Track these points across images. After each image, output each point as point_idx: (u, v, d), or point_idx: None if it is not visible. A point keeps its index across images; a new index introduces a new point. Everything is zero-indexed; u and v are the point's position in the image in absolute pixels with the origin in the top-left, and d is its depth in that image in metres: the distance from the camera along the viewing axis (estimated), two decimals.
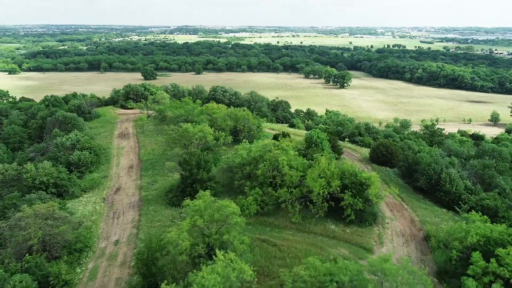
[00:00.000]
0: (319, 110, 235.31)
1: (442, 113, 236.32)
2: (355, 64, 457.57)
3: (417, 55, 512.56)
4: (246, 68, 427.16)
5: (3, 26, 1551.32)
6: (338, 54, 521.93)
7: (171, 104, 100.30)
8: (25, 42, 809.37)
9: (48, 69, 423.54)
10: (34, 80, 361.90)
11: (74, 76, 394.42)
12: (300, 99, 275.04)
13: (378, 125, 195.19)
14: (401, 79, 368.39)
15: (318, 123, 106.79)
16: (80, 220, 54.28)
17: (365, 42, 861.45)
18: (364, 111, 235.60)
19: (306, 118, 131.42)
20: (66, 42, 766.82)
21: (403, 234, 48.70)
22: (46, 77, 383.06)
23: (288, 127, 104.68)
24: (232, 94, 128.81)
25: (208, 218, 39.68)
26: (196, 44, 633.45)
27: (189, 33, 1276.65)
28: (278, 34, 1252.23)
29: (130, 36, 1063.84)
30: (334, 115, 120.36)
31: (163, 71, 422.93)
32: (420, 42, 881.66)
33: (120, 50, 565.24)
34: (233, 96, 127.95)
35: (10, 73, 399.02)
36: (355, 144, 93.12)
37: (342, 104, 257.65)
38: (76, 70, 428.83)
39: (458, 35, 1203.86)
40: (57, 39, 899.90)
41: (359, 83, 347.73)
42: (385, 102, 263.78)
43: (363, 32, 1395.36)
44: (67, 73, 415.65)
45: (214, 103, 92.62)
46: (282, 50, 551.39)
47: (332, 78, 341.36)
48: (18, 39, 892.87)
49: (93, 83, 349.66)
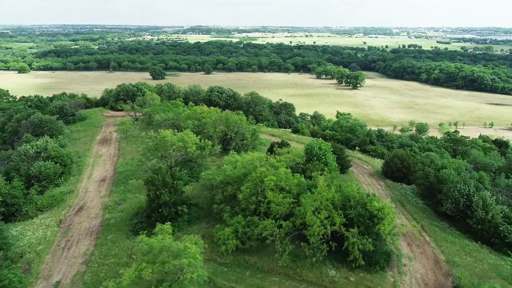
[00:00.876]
0: (330, 111, 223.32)
1: (461, 116, 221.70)
2: (369, 64, 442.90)
3: (434, 56, 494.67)
4: (256, 68, 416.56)
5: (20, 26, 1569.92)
6: (352, 54, 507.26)
7: (159, 107, 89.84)
8: (39, 41, 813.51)
9: (58, 68, 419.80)
10: (43, 78, 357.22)
11: (83, 75, 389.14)
12: (311, 100, 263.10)
13: (392, 129, 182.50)
14: (416, 80, 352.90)
15: (325, 128, 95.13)
16: (23, 251, 44.17)
17: (379, 42, 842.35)
18: (377, 113, 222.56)
19: (312, 123, 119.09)
20: (79, 42, 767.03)
21: (426, 283, 37.06)
22: (55, 76, 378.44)
23: (291, 133, 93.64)
24: (230, 96, 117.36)
25: (158, 269, 29.02)
26: (207, 44, 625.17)
27: (202, 33, 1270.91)
28: (291, 34, 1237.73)
29: (143, 36, 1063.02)
30: (344, 119, 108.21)
31: (172, 70, 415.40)
32: (437, 42, 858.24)
33: (131, 49, 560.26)
34: (231, 97, 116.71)
35: (20, 72, 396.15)
36: (367, 154, 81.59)
37: (354, 105, 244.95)
38: (86, 69, 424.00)
39: (476, 35, 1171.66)
40: (70, 38, 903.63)
41: (373, 84, 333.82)
42: (399, 104, 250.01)
43: (377, 32, 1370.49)
44: (76, 72, 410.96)
45: (205, 105, 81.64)
46: (294, 50, 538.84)
47: (345, 79, 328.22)
48: (32, 38, 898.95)
49: (101, 83, 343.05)
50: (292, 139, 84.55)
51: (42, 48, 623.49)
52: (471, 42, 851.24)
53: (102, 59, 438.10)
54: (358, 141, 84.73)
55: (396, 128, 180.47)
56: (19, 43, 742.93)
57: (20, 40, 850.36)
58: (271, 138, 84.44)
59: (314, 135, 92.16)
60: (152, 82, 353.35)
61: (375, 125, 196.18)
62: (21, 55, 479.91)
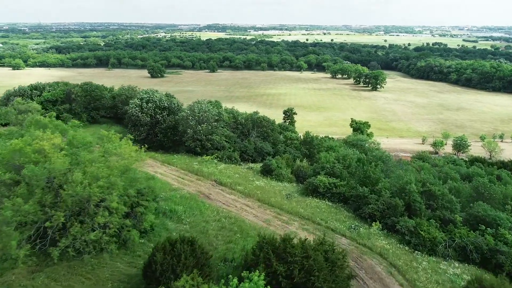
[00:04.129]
0: (343, 117, 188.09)
1: (503, 125, 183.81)
2: (390, 63, 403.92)
3: (462, 54, 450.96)
4: (266, 66, 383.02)
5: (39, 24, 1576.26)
6: (371, 52, 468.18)
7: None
8: (50, 38, 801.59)
9: (54, 64, 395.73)
10: (32, 76, 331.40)
11: (79, 72, 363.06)
12: (322, 102, 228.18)
13: (421, 142, 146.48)
14: (445, 81, 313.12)
15: (321, 168, 57.29)
16: None
17: (401, 40, 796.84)
18: (400, 121, 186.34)
19: (302, 151, 75.72)
20: (89, 38, 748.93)
21: None
22: (48, 74, 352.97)
23: (258, 175, 58.28)
24: (162, 107, 70.34)
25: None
26: (217, 41, 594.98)
27: (217, 30, 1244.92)
28: (308, 32, 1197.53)
29: (157, 33, 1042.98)
30: (356, 141, 71.57)
31: (175, 68, 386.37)
32: (463, 40, 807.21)
33: (137, 46, 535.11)
34: (164, 110, 70.24)
35: (14, 68, 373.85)
36: (398, 237, 42.22)
37: (372, 109, 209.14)
38: (84, 66, 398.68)
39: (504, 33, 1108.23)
40: (82, 35, 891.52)
41: (395, 85, 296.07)
42: (427, 109, 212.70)
43: (399, 31, 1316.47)
44: (73, 69, 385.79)
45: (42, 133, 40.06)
46: (308, 47, 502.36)
47: (363, 78, 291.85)
48: (45, 35, 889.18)
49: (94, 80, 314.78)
50: (251, 193, 48.96)
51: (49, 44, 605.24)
52: (500, 41, 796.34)
53: (102, 55, 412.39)
54: (381, 205, 48.32)
55: (425, 141, 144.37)
56: (30, 40, 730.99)
57: (32, 36, 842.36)
58: (209, 197, 47.34)
59: (299, 177, 58.35)
60: (150, 80, 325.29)
61: (398, 135, 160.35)
62: (22, 51, 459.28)
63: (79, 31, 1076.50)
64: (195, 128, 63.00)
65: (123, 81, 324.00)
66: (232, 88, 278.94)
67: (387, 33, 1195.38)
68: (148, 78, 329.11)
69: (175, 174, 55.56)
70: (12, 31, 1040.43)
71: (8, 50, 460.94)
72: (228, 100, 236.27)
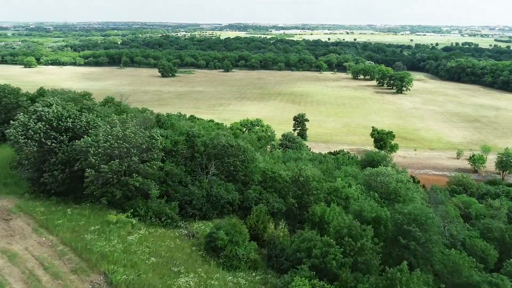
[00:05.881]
0: (364, 123, 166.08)
1: None
2: (416, 63, 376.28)
3: (495, 55, 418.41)
4: (283, 66, 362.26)
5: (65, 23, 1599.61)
6: (396, 52, 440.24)
7: None
8: (71, 36, 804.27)
9: (66, 63, 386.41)
10: (41, 74, 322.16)
11: (89, 71, 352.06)
12: (341, 106, 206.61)
13: (455, 156, 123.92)
14: (478, 83, 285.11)
15: (303, 257, 33.82)
16: None
17: (428, 40, 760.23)
18: (430, 129, 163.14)
19: (288, 201, 48.82)
20: (109, 37, 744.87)
21: None
22: (57, 72, 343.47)
23: (199, 254, 35.63)
24: (59, 129, 42.12)
25: None
26: (235, 39, 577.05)
27: (239, 30, 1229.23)
28: (331, 31, 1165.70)
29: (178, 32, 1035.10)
30: (375, 178, 48.84)
31: (188, 67, 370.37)
32: (495, 40, 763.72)
33: (154, 44, 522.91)
34: (65, 132, 42.46)
35: (25, 66, 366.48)
36: None
37: (398, 115, 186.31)
38: (96, 64, 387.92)
39: None
40: (102, 34, 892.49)
41: (422, 87, 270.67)
42: (460, 115, 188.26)
43: (425, 30, 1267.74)
44: (84, 68, 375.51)
45: None
46: (329, 47, 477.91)
47: (387, 80, 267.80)
48: (66, 33, 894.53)
49: (102, 79, 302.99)
50: None
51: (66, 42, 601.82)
52: None
53: (114, 53, 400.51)
54: None
55: (461, 156, 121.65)
56: (51, 38, 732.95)
57: (54, 35, 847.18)
58: None
59: (273, 259, 36.48)
60: (160, 80, 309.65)
61: (428, 147, 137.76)
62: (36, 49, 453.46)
63: (101, 29, 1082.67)
64: (99, 167, 37.65)
65: (133, 79, 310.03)
66: (244, 89, 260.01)
67: (413, 32, 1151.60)
68: (158, 77, 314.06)
69: (44, 253, 31.62)
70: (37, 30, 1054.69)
71: (23, 48, 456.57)
72: (237, 101, 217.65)
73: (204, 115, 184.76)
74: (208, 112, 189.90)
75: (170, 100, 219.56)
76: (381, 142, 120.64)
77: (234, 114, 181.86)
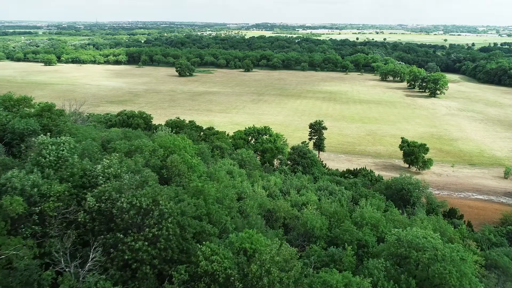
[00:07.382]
0: (393, 131, 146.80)
1: None
2: (451, 65, 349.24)
3: None
4: (306, 66, 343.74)
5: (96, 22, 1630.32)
6: (429, 52, 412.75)
7: None
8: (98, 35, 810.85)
9: (86, 61, 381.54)
10: (59, 73, 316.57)
11: (107, 69, 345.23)
12: (367, 110, 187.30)
13: (502, 176, 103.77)
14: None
15: None
16: None
17: (463, 40, 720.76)
18: (469, 139, 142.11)
19: None
20: (134, 36, 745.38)
21: None
22: (76, 70, 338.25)
23: None
24: None
25: None
26: (258, 38, 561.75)
27: (265, 29, 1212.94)
28: (360, 31, 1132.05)
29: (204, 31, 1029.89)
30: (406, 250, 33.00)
31: (208, 66, 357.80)
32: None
33: (176, 43, 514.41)
34: None
35: (46, 64, 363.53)
36: None
37: (431, 122, 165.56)
38: (116, 63, 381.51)
39: None
40: (129, 32, 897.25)
41: (458, 91, 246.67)
42: (504, 124, 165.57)
43: (460, 30, 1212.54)
44: (104, 66, 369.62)
45: None
46: (357, 46, 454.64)
47: (419, 82, 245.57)
48: (94, 32, 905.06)
49: (117, 78, 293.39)
50: None
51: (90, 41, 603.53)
52: None
53: (134, 51, 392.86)
54: None
55: (509, 175, 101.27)
56: (79, 37, 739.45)
57: (82, 33, 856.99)
58: None
59: None
60: (177, 79, 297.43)
61: (467, 162, 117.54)
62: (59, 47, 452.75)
63: (129, 28, 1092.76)
64: None
65: (148, 79, 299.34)
66: (263, 90, 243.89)
67: (447, 32, 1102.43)
68: (175, 76, 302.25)
69: None
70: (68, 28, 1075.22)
71: (47, 46, 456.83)
72: (253, 103, 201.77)
73: (215, 118, 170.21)
74: (220, 115, 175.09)
75: (182, 101, 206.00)
76: (412, 157, 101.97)
77: (248, 118, 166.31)
